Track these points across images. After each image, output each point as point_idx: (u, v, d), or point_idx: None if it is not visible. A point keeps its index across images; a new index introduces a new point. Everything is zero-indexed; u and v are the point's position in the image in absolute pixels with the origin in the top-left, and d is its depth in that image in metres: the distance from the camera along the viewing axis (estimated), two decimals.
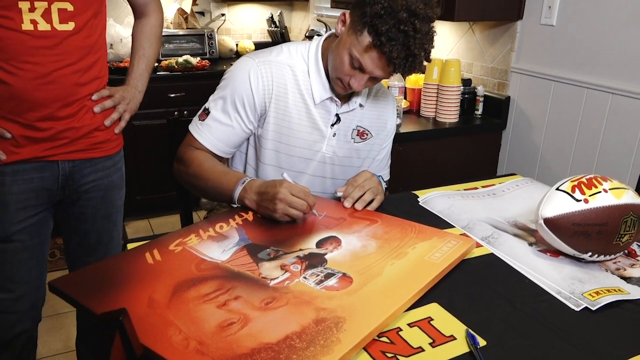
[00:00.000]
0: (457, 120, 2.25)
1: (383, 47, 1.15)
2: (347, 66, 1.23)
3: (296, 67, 1.33)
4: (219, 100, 1.33)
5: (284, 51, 1.35)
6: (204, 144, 1.33)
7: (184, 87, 3.14)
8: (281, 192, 1.13)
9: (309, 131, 1.35)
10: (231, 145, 1.36)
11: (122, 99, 1.47)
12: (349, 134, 1.40)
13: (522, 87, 2.19)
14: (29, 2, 1.22)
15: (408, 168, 2.13)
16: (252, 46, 3.71)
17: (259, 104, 1.31)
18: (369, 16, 1.16)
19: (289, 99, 1.32)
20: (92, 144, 1.42)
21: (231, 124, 1.32)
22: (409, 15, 1.14)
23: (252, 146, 1.40)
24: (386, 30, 1.13)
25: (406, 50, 1.15)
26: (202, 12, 3.64)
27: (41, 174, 1.37)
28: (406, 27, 1.13)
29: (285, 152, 1.36)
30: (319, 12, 3.61)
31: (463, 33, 2.42)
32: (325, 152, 1.39)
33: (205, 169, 1.29)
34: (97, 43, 1.38)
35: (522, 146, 2.23)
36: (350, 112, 1.39)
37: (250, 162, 1.42)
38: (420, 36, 1.15)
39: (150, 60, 1.56)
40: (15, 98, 1.27)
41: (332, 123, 1.37)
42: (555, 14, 2.01)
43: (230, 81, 1.32)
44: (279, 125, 1.33)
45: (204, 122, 1.33)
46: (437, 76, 2.25)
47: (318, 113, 1.35)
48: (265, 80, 1.30)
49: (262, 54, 1.34)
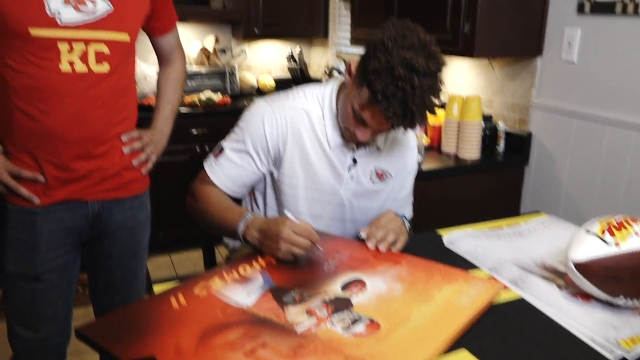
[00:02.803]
0: (478, 156, 2.24)
1: (380, 104, 1.13)
2: (351, 118, 1.24)
3: (312, 111, 1.34)
4: (234, 141, 1.35)
5: (300, 95, 1.37)
6: (215, 182, 1.35)
7: (207, 123, 3.19)
8: (284, 231, 1.12)
9: (326, 174, 1.36)
10: (242, 185, 1.37)
11: (150, 141, 1.50)
12: (367, 176, 1.39)
13: (544, 123, 2.18)
14: (68, 43, 1.27)
15: (430, 205, 2.11)
16: (272, 82, 3.78)
17: (273, 149, 1.33)
18: (367, 72, 1.14)
19: (306, 143, 1.33)
20: (121, 183, 1.45)
21: (243, 165, 1.34)
22: (407, 71, 1.10)
23: (271, 187, 1.41)
24: (382, 88, 1.11)
25: (404, 107, 1.12)
26: (224, 49, 3.73)
27: (71, 214, 1.40)
28: (404, 83, 1.10)
29: (303, 196, 1.36)
30: (338, 48, 3.66)
31: (482, 68, 2.44)
32: (343, 195, 1.38)
33: (213, 204, 1.31)
34: (128, 84, 1.43)
35: (545, 183, 2.21)
36: (368, 154, 1.39)
37: (270, 203, 1.42)
38: (420, 92, 1.11)
39: (174, 105, 1.62)
40: (49, 137, 1.31)
41: (348, 166, 1.37)
42: (575, 50, 2.01)
43: (246, 124, 1.34)
44: (295, 169, 1.34)
45: (217, 160, 1.36)
46: (458, 112, 2.26)
47: (335, 156, 1.35)
48: (280, 125, 1.31)
49: (278, 99, 1.36)
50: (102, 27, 1.31)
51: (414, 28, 1.17)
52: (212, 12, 3.45)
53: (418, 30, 1.17)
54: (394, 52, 1.12)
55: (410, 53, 1.11)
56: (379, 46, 1.14)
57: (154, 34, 1.55)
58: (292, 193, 1.36)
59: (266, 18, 3.50)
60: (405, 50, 1.12)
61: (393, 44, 1.13)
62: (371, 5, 2.61)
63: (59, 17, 1.25)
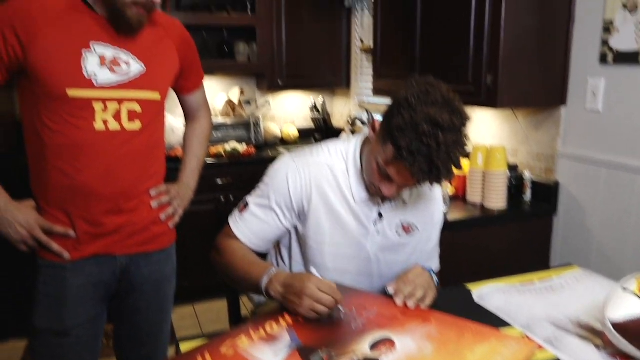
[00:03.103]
0: (505, 206, 2.21)
1: (405, 160, 1.13)
2: (376, 174, 1.24)
3: (335, 166, 1.35)
4: (259, 196, 1.37)
5: (324, 150, 1.38)
6: (240, 237, 1.35)
7: (231, 173, 3.23)
8: (309, 287, 1.11)
9: (352, 229, 1.35)
10: (266, 240, 1.38)
11: (177, 195, 1.53)
12: (394, 229, 1.38)
13: (571, 172, 2.16)
14: (103, 103, 1.32)
15: (457, 256, 2.08)
16: (296, 132, 3.83)
17: (297, 205, 1.34)
18: (392, 128, 1.15)
19: (331, 198, 1.34)
20: (149, 237, 1.47)
21: (267, 221, 1.35)
22: (432, 127, 1.11)
23: (296, 242, 1.41)
24: (407, 144, 1.11)
25: (429, 163, 1.12)
26: (249, 101, 3.82)
27: (100, 269, 1.41)
28: (429, 139, 1.10)
29: (329, 251, 1.35)
30: (360, 98, 3.72)
31: (506, 118, 2.44)
32: (370, 249, 1.37)
33: (237, 259, 1.32)
34: (158, 140, 1.47)
35: (575, 233, 2.16)
36: (394, 208, 1.38)
37: (296, 258, 1.42)
38: (445, 148, 1.11)
39: (200, 159, 1.66)
40: (81, 193, 1.34)
41: (374, 221, 1.36)
42: (600, 100, 2.00)
43: (270, 180, 1.36)
44: (321, 224, 1.34)
45: (242, 215, 1.37)
46: (483, 162, 2.25)
47: (361, 210, 1.35)
48: (304, 181, 1.32)
49: (302, 155, 1.38)
50: (135, 86, 1.36)
51: (437, 85, 1.18)
52: (238, 65, 3.56)
53: (441, 86, 1.19)
54: (417, 108, 1.13)
55: (434, 109, 1.12)
56: (402, 103, 1.15)
57: (182, 92, 1.61)
58: (318, 248, 1.36)
59: (290, 70, 3.60)
60: (429, 106, 1.13)
61: (417, 100, 1.14)
62: (393, 57, 2.66)
63: (95, 78, 1.30)
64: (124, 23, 1.31)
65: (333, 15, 3.66)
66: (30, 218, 1.33)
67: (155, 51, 1.40)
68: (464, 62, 2.12)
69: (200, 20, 3.34)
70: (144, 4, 1.29)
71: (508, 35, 1.98)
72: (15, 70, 1.30)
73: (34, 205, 1.37)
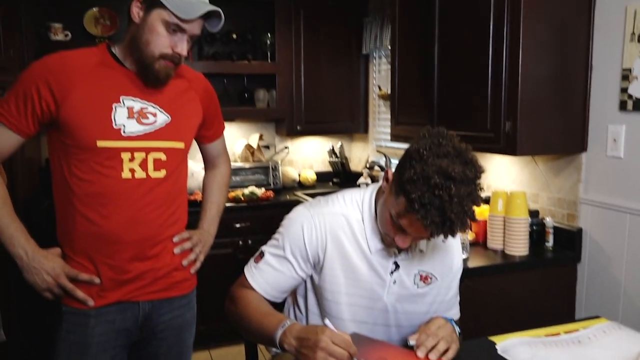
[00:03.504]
0: (527, 252, 2.18)
1: (417, 213, 1.11)
2: (390, 225, 1.23)
3: (351, 216, 1.34)
4: (274, 246, 1.36)
5: (340, 200, 1.38)
6: (255, 286, 1.34)
7: (249, 217, 3.25)
8: (323, 340, 1.09)
9: (368, 280, 1.33)
10: (281, 290, 1.36)
11: (199, 241, 1.55)
12: (411, 279, 1.36)
13: (594, 218, 2.12)
14: (130, 153, 1.36)
15: (478, 304, 2.03)
16: (314, 176, 3.86)
17: (312, 255, 1.33)
18: (403, 181, 1.14)
19: (347, 249, 1.32)
20: (171, 283, 1.48)
21: (282, 271, 1.34)
22: (444, 179, 1.09)
23: (312, 292, 1.40)
24: (419, 197, 1.10)
25: (442, 215, 1.10)
26: (267, 145, 3.87)
27: (123, 315, 1.42)
28: (441, 192, 1.09)
29: (345, 301, 1.34)
30: (378, 143, 3.75)
31: (526, 164, 2.43)
32: (387, 300, 1.35)
33: (251, 309, 1.30)
34: (181, 187, 1.50)
35: (601, 282, 2.11)
36: (411, 258, 1.36)
37: (312, 308, 1.40)
38: (458, 200, 1.09)
39: (220, 206, 1.68)
40: (106, 240, 1.36)
41: (391, 271, 1.34)
42: (621, 146, 1.99)
43: (286, 230, 1.35)
44: (336, 275, 1.33)
45: (257, 265, 1.36)
46: (503, 208, 2.23)
47: (377, 261, 1.33)
48: (319, 232, 1.32)
49: (317, 205, 1.38)
50: (160, 136, 1.40)
51: (449, 136, 1.18)
52: (258, 111, 3.63)
53: (453, 138, 1.18)
54: (429, 160, 1.12)
55: (445, 161, 1.11)
56: (414, 155, 1.15)
57: (203, 142, 1.65)
58: (334, 299, 1.34)
59: (308, 116, 3.66)
60: (440, 158, 1.12)
61: (428, 152, 1.13)
62: (411, 104, 2.69)
63: (123, 129, 1.34)
64: (152, 76, 1.36)
65: (351, 62, 3.74)
66: (57, 266, 1.35)
67: (180, 103, 1.45)
68: (483, 109, 2.13)
69: (222, 68, 3.43)
70: (171, 57, 1.34)
71: (526, 83, 1.99)
72: (47, 123, 1.35)
73: (59, 253, 1.40)
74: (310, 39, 3.58)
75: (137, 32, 1.34)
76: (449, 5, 2.31)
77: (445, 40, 2.35)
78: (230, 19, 3.59)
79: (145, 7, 1.32)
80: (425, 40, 2.47)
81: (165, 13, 1.30)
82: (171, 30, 1.32)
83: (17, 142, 1.37)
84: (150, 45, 1.32)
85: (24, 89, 1.34)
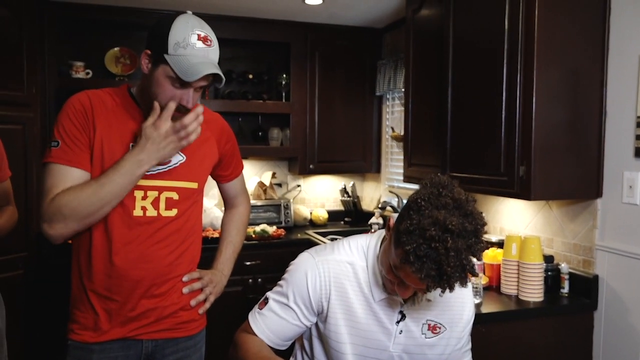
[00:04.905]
0: (542, 299, 2.13)
1: (412, 265, 1.08)
2: (390, 273, 1.20)
3: (356, 263, 1.32)
4: (278, 293, 1.34)
5: (345, 247, 1.36)
6: (257, 333, 1.32)
7: (260, 255, 3.23)
8: None
9: (373, 329, 1.30)
10: (284, 338, 1.34)
11: (210, 282, 1.54)
12: (419, 329, 1.32)
13: (611, 265, 2.09)
14: (143, 191, 1.37)
15: (492, 351, 1.98)
16: (326, 214, 3.85)
17: (316, 303, 1.31)
18: (400, 232, 1.11)
19: (351, 298, 1.30)
20: (176, 323, 1.46)
21: (286, 318, 1.32)
22: (441, 232, 1.05)
23: (317, 339, 1.37)
24: (414, 249, 1.07)
25: (438, 269, 1.06)
26: (280, 183, 3.89)
27: (126, 353, 1.40)
28: (437, 244, 1.05)
29: (350, 352, 1.30)
30: (390, 183, 3.75)
31: (540, 208, 2.41)
32: (393, 351, 1.31)
33: (250, 355, 1.27)
34: (193, 228, 1.49)
35: (619, 331, 2.05)
36: (418, 307, 1.32)
37: (318, 356, 1.37)
38: (455, 253, 1.05)
39: (236, 247, 1.67)
40: (115, 276, 1.36)
41: (397, 320, 1.31)
42: (637, 193, 1.97)
43: (290, 276, 1.34)
44: (339, 324, 1.30)
45: (261, 311, 1.34)
46: (517, 252, 2.20)
47: (381, 310, 1.30)
48: (323, 279, 1.30)
49: (322, 252, 1.36)
50: (174, 177, 1.41)
51: (450, 186, 1.14)
52: (271, 149, 3.67)
53: (454, 188, 1.14)
54: (426, 212, 1.09)
55: (443, 213, 1.08)
56: (412, 206, 1.12)
57: (221, 181, 1.66)
58: (339, 348, 1.31)
59: (321, 155, 3.69)
60: (438, 209, 1.09)
61: (426, 203, 1.10)
62: (424, 147, 2.70)
63: None
64: None
65: (364, 102, 3.79)
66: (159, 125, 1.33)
67: (195, 143, 1.46)
68: (496, 152, 2.14)
69: (237, 107, 3.50)
70: (178, 107, 1.34)
71: (540, 128, 1.99)
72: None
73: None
74: (324, 79, 3.64)
75: (146, 82, 1.37)
76: (462, 49, 2.35)
77: (459, 83, 2.38)
78: (246, 59, 3.72)
79: (153, 61, 1.34)
80: (438, 83, 2.50)
81: (169, 70, 1.31)
82: (176, 85, 1.33)
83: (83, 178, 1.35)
84: (157, 97, 1.34)
85: (67, 128, 1.34)
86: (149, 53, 1.34)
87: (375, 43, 3.78)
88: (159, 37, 1.31)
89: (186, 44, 1.29)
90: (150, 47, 1.34)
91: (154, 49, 1.32)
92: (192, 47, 1.30)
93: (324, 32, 3.64)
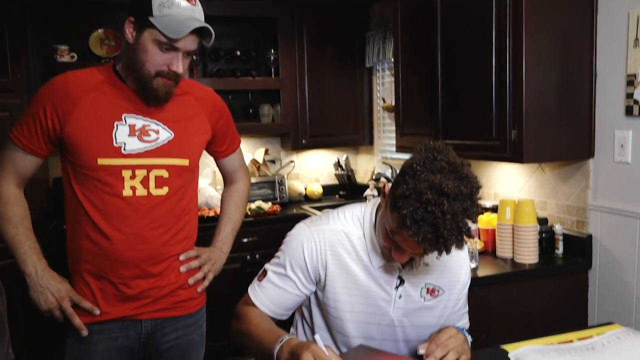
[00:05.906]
0: (537, 260, 2.16)
1: (409, 229, 1.08)
2: (387, 241, 1.21)
3: (352, 232, 1.33)
4: (276, 264, 1.36)
5: (340, 217, 1.36)
6: (258, 305, 1.33)
7: (257, 232, 3.24)
8: (304, 356, 1.07)
9: (373, 295, 1.32)
10: (284, 308, 1.35)
11: (208, 259, 1.54)
12: (418, 293, 1.34)
13: (604, 224, 2.11)
14: (131, 170, 1.36)
15: (489, 314, 2.02)
16: (320, 189, 3.86)
17: (313, 272, 1.32)
18: (396, 197, 1.12)
19: (349, 265, 1.31)
20: (175, 302, 1.47)
21: (285, 288, 1.33)
22: (437, 195, 1.06)
23: (317, 307, 1.38)
24: (411, 213, 1.07)
25: (434, 232, 1.07)
26: (273, 160, 3.88)
27: (125, 333, 1.41)
28: (433, 208, 1.06)
29: (350, 318, 1.32)
30: (383, 154, 3.75)
31: (533, 172, 2.42)
32: (393, 315, 1.33)
33: (252, 326, 1.29)
34: (188, 206, 1.48)
35: (613, 288, 2.09)
36: (416, 271, 1.34)
37: (319, 323, 1.39)
38: (451, 216, 1.06)
39: (236, 223, 1.66)
40: (109, 257, 1.37)
41: (396, 285, 1.32)
42: (629, 152, 1.98)
43: (287, 247, 1.35)
44: (338, 292, 1.32)
45: (260, 283, 1.35)
46: (511, 216, 2.22)
47: (380, 276, 1.32)
48: (319, 248, 1.31)
49: (318, 222, 1.36)
50: (162, 154, 1.40)
51: (445, 151, 1.15)
52: (263, 126, 3.65)
53: (449, 152, 1.15)
54: (422, 176, 1.09)
55: (439, 176, 1.09)
56: (408, 171, 1.13)
57: (217, 157, 1.64)
58: (338, 316, 1.33)
59: (313, 129, 3.67)
60: (434, 173, 1.09)
61: (422, 167, 1.11)
62: (415, 116, 2.69)
63: (123, 147, 1.35)
64: (152, 95, 1.36)
65: (354, 75, 3.76)
66: (63, 288, 1.36)
67: (185, 119, 1.45)
68: (488, 118, 2.13)
69: (226, 85, 3.46)
70: (168, 74, 1.34)
71: (530, 91, 1.99)
72: (56, 142, 1.37)
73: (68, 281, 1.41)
74: (313, 53, 3.61)
75: (132, 52, 1.35)
76: (451, 16, 2.33)
77: (448, 50, 2.36)
78: (234, 36, 3.68)
79: (137, 28, 1.33)
80: (428, 52, 2.48)
81: (156, 32, 1.30)
82: (164, 49, 1.32)
83: (34, 163, 1.41)
84: (145, 64, 1.33)
85: (33, 111, 1.37)
86: (133, 20, 1.33)
87: (363, 14, 3.73)
88: (142, 1, 1.30)
89: (171, 4, 1.29)
90: (134, 14, 1.32)
91: (138, 14, 1.31)
92: (177, 7, 1.29)
93: (311, 6, 3.59)
